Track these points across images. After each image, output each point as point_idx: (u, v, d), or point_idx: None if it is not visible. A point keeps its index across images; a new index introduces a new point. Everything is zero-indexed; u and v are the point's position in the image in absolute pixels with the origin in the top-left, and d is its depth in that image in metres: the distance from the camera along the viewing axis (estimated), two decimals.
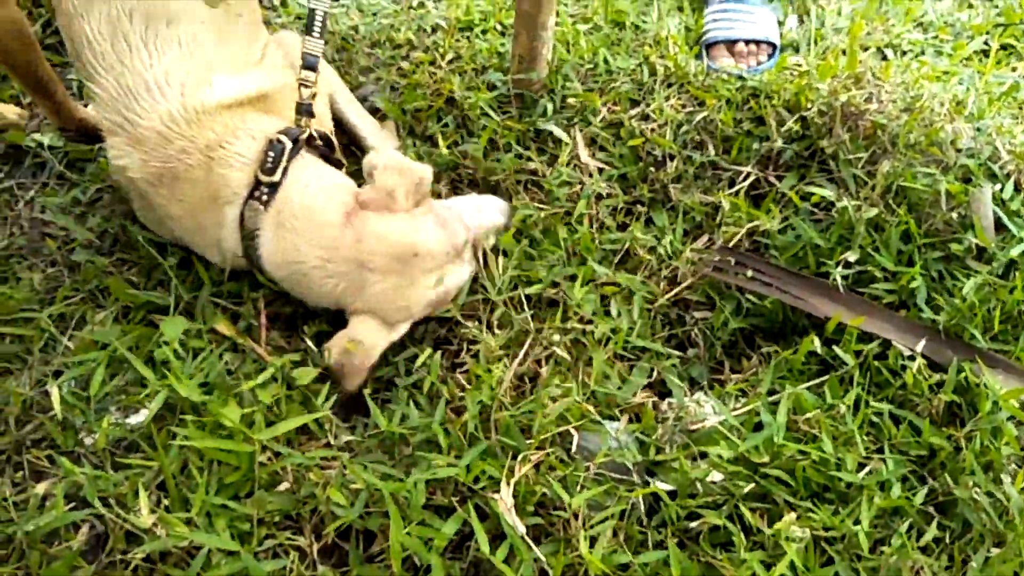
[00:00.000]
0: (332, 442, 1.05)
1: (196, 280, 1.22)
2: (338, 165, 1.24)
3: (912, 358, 1.10)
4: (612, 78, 1.48)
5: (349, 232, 1.09)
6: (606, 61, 1.51)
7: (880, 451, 1.03)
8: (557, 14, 1.45)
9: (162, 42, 1.04)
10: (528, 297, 1.18)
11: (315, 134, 1.17)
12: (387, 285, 1.10)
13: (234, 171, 1.09)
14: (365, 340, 1.10)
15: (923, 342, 1.11)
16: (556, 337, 1.15)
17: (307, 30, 1.17)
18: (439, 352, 1.13)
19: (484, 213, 1.24)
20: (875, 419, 1.06)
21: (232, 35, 1.10)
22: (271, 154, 1.10)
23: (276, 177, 1.10)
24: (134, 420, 1.05)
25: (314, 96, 1.17)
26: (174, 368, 1.05)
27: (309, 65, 1.17)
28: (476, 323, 1.15)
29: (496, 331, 1.14)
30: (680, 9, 1.73)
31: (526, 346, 1.13)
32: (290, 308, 1.22)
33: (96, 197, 1.37)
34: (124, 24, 1.03)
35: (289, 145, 1.11)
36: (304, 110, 1.16)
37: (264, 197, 1.10)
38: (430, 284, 1.12)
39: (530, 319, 1.15)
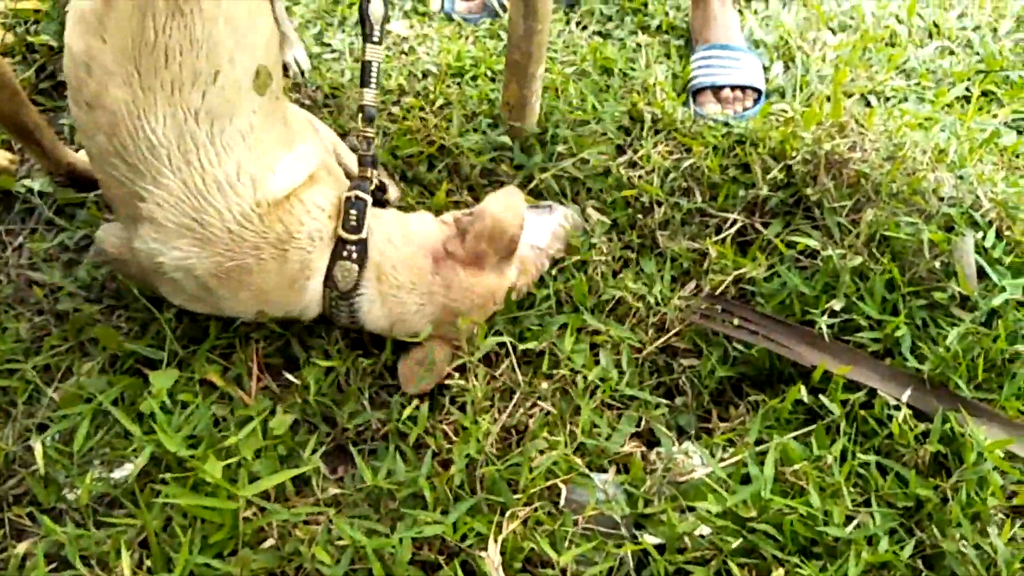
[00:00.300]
0: (319, 496, 1.04)
1: (188, 332, 1.22)
2: (384, 205, 1.28)
3: (898, 407, 1.10)
4: (601, 125, 1.50)
5: (439, 279, 1.16)
6: (594, 108, 1.53)
7: (867, 503, 1.03)
8: (547, 60, 1.47)
9: (228, 139, 1.01)
10: (515, 348, 1.18)
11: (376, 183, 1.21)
12: (467, 323, 1.17)
13: (312, 253, 1.10)
14: (439, 362, 1.17)
15: (908, 391, 1.12)
16: (544, 385, 1.16)
17: (362, 83, 1.18)
18: (426, 403, 1.14)
19: (558, 240, 1.32)
20: (862, 470, 1.06)
21: (275, 116, 1.09)
22: (353, 212, 1.12)
23: (363, 233, 1.12)
24: (118, 474, 1.04)
25: (370, 146, 1.20)
26: (160, 422, 1.04)
27: (369, 117, 1.19)
28: (460, 374, 1.15)
29: (483, 382, 1.14)
30: (667, 55, 1.76)
31: (515, 398, 1.13)
32: (281, 360, 1.22)
33: (85, 243, 1.37)
34: (191, 125, 0.98)
35: (369, 200, 1.14)
36: (368, 162, 1.18)
37: (355, 255, 1.12)
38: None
39: (518, 369, 1.15)
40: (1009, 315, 1.19)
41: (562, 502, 1.01)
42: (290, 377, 1.18)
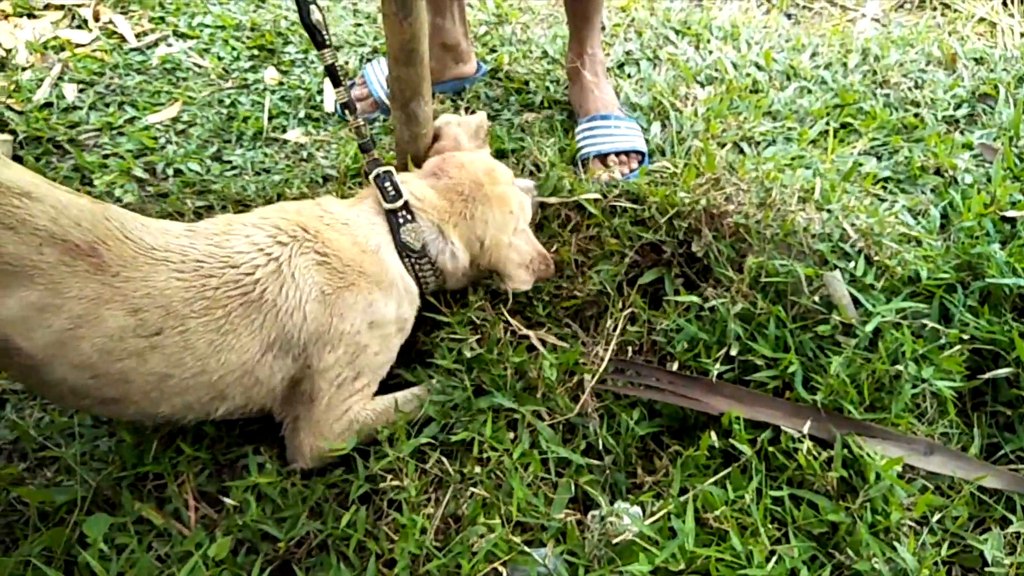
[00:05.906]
0: None
1: (114, 473, 1.22)
2: None
3: (801, 440, 1.18)
4: None
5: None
6: None
7: (786, 536, 1.11)
8: None
9: None
10: (440, 443, 1.23)
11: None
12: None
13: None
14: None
15: (808, 423, 1.20)
16: (477, 469, 1.20)
17: (335, 84, 1.30)
18: (364, 507, 1.17)
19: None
20: (777, 507, 1.13)
21: None
22: (387, 184, 1.27)
23: (404, 197, 1.27)
24: None
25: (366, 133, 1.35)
26: (98, 574, 1.05)
27: (352, 109, 1.33)
28: (391, 475, 1.18)
29: (414, 478, 1.18)
30: (553, 130, 1.87)
31: (450, 491, 1.17)
32: (215, 485, 1.24)
33: None
34: None
35: (392, 168, 1.30)
36: (370, 146, 1.33)
37: (409, 216, 1.27)
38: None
39: (447, 462, 1.20)
40: (888, 337, 1.30)
41: None
42: (226, 500, 1.20)
